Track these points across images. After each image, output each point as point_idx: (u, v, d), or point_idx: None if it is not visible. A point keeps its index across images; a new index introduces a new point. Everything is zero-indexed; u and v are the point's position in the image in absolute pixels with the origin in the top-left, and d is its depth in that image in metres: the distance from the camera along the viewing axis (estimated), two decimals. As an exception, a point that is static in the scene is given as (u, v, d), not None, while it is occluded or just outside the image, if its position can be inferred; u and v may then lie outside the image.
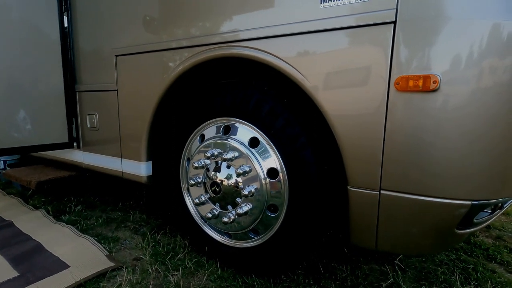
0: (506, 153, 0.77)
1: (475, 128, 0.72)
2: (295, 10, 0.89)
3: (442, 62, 0.71)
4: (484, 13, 0.69)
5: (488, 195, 0.80)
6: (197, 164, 1.15)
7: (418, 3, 0.73)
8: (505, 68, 0.70)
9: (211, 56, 1.09)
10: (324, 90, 0.87)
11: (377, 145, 0.81)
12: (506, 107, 0.72)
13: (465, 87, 0.71)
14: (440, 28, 0.71)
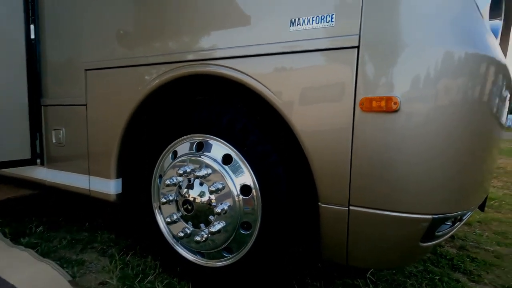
0: (463, 169, 0.83)
1: (433, 146, 0.77)
2: (267, 32, 0.92)
3: (401, 85, 0.76)
4: (437, 41, 0.75)
5: (448, 209, 0.85)
6: (169, 182, 1.12)
7: (379, 30, 0.78)
8: (457, 89, 0.76)
9: (184, 73, 1.09)
10: (294, 108, 0.89)
11: (345, 162, 0.84)
12: (460, 125, 0.78)
13: (422, 108, 0.76)
14: (399, 53, 0.77)
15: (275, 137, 1.00)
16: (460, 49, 0.74)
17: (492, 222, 2.10)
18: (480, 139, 0.85)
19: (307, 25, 0.86)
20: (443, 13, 0.75)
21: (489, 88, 0.79)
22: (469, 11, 0.76)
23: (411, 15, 0.76)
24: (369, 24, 0.79)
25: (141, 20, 1.20)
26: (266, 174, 1.01)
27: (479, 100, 0.79)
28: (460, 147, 0.79)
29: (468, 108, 0.77)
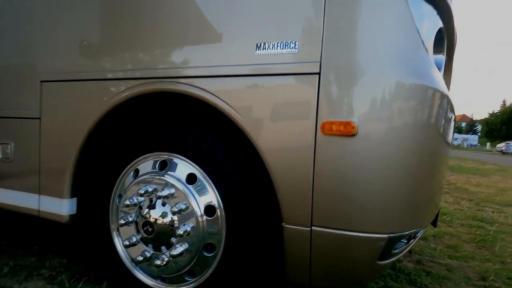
0: (416, 189, 0.89)
1: (387, 169, 0.82)
2: (235, 54, 0.94)
3: (358, 110, 0.81)
4: (389, 72, 0.82)
5: (403, 228, 0.90)
6: (129, 202, 1.07)
7: (338, 60, 0.83)
8: (408, 116, 0.82)
9: (149, 89, 1.06)
10: (259, 130, 0.91)
11: (308, 183, 0.86)
12: (411, 148, 0.84)
13: (377, 132, 0.81)
14: (356, 82, 0.82)
15: (240, 157, 1.00)
16: (408, 80, 0.81)
17: (444, 236, 2.25)
18: (430, 161, 0.92)
19: (272, 50, 0.89)
20: (393, 48, 0.82)
21: (435, 114, 0.87)
22: (415, 47, 0.84)
23: (366, 48, 0.82)
24: (329, 53, 0.84)
25: (107, 32, 1.17)
26: (231, 194, 1.00)
27: (427, 124, 0.86)
28: (412, 169, 0.85)
29: (418, 133, 0.84)
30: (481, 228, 2.48)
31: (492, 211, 3.14)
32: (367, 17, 0.83)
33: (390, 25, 0.83)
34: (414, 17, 0.83)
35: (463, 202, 3.52)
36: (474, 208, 3.25)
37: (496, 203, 3.56)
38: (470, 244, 2.11)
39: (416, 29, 0.84)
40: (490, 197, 3.94)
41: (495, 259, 1.85)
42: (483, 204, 3.49)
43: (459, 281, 1.53)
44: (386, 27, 0.83)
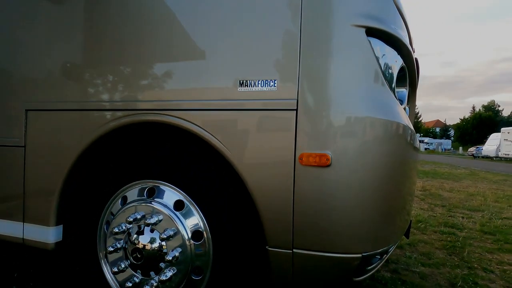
0: (386, 212, 0.98)
1: (359, 195, 0.92)
2: (218, 90, 1.02)
3: (332, 144, 0.90)
4: (358, 109, 0.92)
5: (375, 247, 0.99)
6: (118, 229, 1.10)
7: (312, 98, 0.93)
8: (375, 147, 0.92)
9: (136, 120, 1.11)
10: (243, 160, 0.98)
11: (288, 210, 0.94)
12: (380, 176, 0.94)
13: (349, 163, 0.91)
14: (329, 118, 0.91)
15: (225, 184, 1.07)
16: (375, 116, 0.92)
17: (419, 244, 2.39)
18: (398, 185, 1.02)
19: (252, 87, 0.98)
20: (361, 87, 0.93)
21: (398, 144, 0.98)
22: (380, 86, 0.95)
23: (337, 88, 0.92)
24: (304, 91, 0.93)
25: (94, 63, 1.21)
26: (217, 219, 1.05)
27: (392, 153, 0.96)
28: (381, 193, 0.95)
29: (385, 161, 0.94)
30: (452, 234, 2.65)
31: (462, 216, 3.35)
32: (337, 60, 0.93)
33: (358, 67, 0.93)
34: (378, 60, 0.95)
35: (436, 209, 3.73)
36: (446, 214, 3.46)
37: (466, 209, 3.79)
38: (441, 251, 2.26)
39: (380, 70, 0.95)
40: (461, 202, 4.19)
41: (463, 264, 2.00)
42: (454, 210, 3.71)
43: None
44: (354, 69, 0.93)
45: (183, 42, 1.07)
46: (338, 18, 0.93)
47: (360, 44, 0.93)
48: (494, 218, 3.33)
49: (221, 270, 1.05)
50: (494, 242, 2.50)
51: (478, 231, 2.78)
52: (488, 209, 3.80)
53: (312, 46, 0.94)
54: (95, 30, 1.21)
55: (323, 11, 0.94)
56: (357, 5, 0.93)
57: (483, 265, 2.00)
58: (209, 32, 1.04)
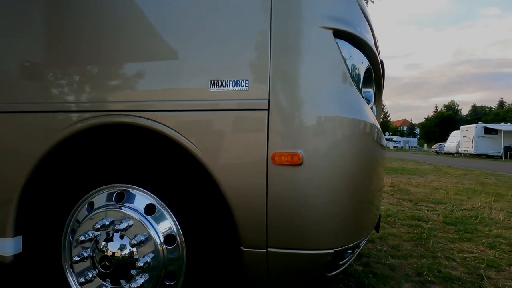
0: (355, 209, 1.01)
1: (330, 192, 0.94)
2: (189, 91, 1.00)
3: (303, 143, 0.92)
4: (327, 109, 0.94)
5: (346, 242, 1.02)
6: (84, 237, 1.04)
7: (283, 98, 0.94)
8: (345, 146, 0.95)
9: (104, 122, 1.06)
10: (215, 160, 0.97)
11: (262, 209, 0.94)
12: (349, 173, 0.97)
13: (320, 161, 0.93)
14: (300, 118, 0.93)
15: (198, 186, 1.05)
16: (342, 115, 0.95)
17: (388, 237, 2.50)
18: (367, 181, 1.06)
19: (224, 87, 0.97)
20: (329, 88, 0.96)
21: (365, 141, 1.02)
22: (348, 87, 0.98)
23: (307, 88, 0.94)
24: (276, 92, 0.94)
25: (60, 63, 1.13)
26: (191, 222, 1.04)
27: (360, 150, 1.00)
28: (351, 190, 0.98)
29: (353, 158, 0.98)
30: (418, 227, 2.80)
31: (427, 209, 3.56)
32: (307, 61, 0.95)
33: (326, 68, 0.96)
34: (346, 61, 0.98)
35: (404, 203, 3.93)
36: (413, 208, 3.66)
37: (431, 202, 4.04)
38: (409, 242, 2.38)
39: (348, 71, 0.98)
40: (426, 196, 4.45)
41: (429, 254, 2.12)
42: (420, 203, 3.93)
43: (400, 279, 1.73)
44: (323, 70, 0.96)
45: (153, 42, 1.04)
46: (307, 20, 0.95)
47: (328, 46, 0.95)
48: (455, 209, 3.57)
49: (196, 273, 1.04)
50: (455, 232, 2.68)
51: (441, 223, 2.97)
52: (450, 201, 4.07)
53: (282, 47, 0.95)
54: (58, 28, 1.14)
55: (292, 13, 0.95)
56: (325, 8, 0.96)
57: (446, 254, 2.14)
58: (179, 31, 1.02)
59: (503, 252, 2.19)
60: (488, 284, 1.69)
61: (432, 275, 1.79)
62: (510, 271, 1.87)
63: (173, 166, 1.07)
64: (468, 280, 1.74)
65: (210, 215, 1.04)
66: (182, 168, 1.06)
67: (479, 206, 3.78)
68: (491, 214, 3.34)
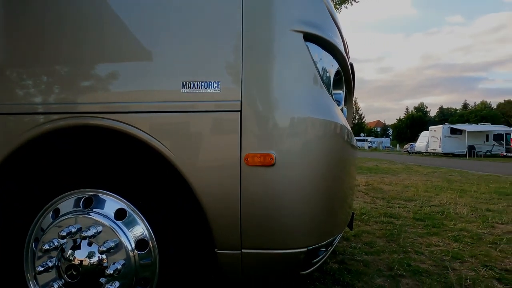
0: (327, 207, 1.04)
1: (302, 191, 0.96)
2: (160, 92, 0.98)
3: (275, 144, 0.93)
4: (298, 110, 0.96)
5: (318, 240, 1.04)
6: (49, 246, 0.99)
7: (255, 99, 0.95)
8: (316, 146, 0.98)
9: (72, 124, 1.02)
10: (187, 163, 0.96)
11: (235, 211, 0.94)
12: (321, 172, 0.99)
13: (292, 161, 0.95)
14: (272, 119, 0.94)
15: (171, 189, 1.03)
16: (313, 116, 0.97)
17: (363, 234, 2.59)
18: (338, 180, 1.09)
19: (196, 89, 0.96)
20: (300, 90, 0.98)
21: (336, 141, 1.05)
22: (318, 89, 1.01)
23: (278, 90, 0.96)
24: (248, 93, 0.94)
25: (25, 63, 1.07)
26: (164, 227, 1.01)
27: (331, 150, 1.03)
28: (323, 189, 1.01)
29: (324, 158, 1.00)
30: (390, 223, 2.92)
31: (399, 206, 3.73)
32: (278, 63, 0.96)
33: (297, 70, 0.98)
34: (316, 64, 1.01)
35: (378, 201, 4.08)
36: (386, 205, 3.81)
37: (402, 199, 4.22)
38: (382, 239, 2.48)
39: (318, 73, 1.01)
40: (398, 194, 4.66)
41: (400, 249, 2.22)
42: (392, 201, 4.10)
43: (372, 274, 1.79)
44: (293, 72, 0.97)
45: (123, 42, 1.01)
46: (277, 23, 0.97)
47: (299, 49, 0.97)
48: (424, 206, 3.76)
49: (169, 278, 1.01)
50: (424, 227, 2.82)
51: (411, 219, 3.11)
52: (420, 198, 4.28)
53: (254, 49, 0.96)
54: (22, 25, 1.08)
55: (263, 16, 0.97)
56: (295, 12, 0.98)
57: (415, 248, 2.25)
58: (149, 32, 1.00)
59: (466, 245, 2.34)
60: (452, 275, 1.79)
61: (402, 269, 1.87)
62: (472, 262, 2.00)
63: (144, 169, 1.04)
64: (435, 272, 1.83)
65: (184, 219, 1.03)
66: (153, 170, 1.04)
67: (446, 202, 4.00)
68: (456, 209, 3.55)
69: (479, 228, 2.80)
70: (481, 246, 2.31)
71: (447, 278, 1.74)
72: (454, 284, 1.67)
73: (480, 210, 3.55)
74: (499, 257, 2.09)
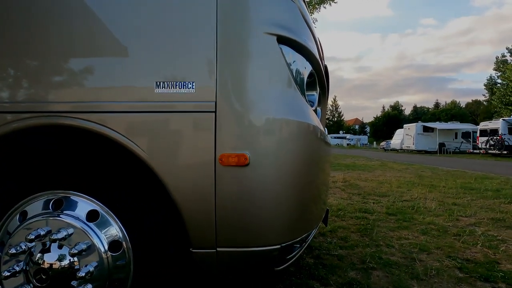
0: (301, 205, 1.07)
1: (276, 190, 0.99)
2: (134, 92, 0.97)
3: (249, 144, 0.95)
4: (272, 111, 0.99)
5: (292, 237, 1.08)
6: (16, 250, 0.95)
7: (230, 100, 0.96)
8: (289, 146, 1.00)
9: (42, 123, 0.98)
10: (162, 163, 0.96)
11: (210, 210, 0.95)
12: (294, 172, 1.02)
13: (266, 161, 0.97)
14: (246, 119, 0.96)
15: (146, 190, 1.02)
16: (287, 117, 1.00)
17: (338, 229, 2.68)
18: (311, 179, 1.13)
19: (170, 89, 0.96)
20: (274, 91, 1.00)
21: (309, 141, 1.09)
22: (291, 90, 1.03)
23: (252, 91, 0.98)
24: (222, 94, 0.96)
25: None
26: (138, 227, 1.01)
27: (304, 150, 1.06)
28: (296, 188, 1.04)
29: (298, 157, 1.04)
30: (364, 218, 3.04)
31: (373, 202, 3.88)
32: (252, 65, 0.98)
33: (271, 72, 1.00)
34: (289, 66, 1.03)
35: (354, 197, 4.23)
36: (361, 201, 3.95)
37: (376, 195, 4.40)
38: (356, 233, 2.58)
39: (292, 75, 1.03)
40: (373, 190, 4.85)
41: (372, 243, 2.33)
42: (367, 197, 4.27)
43: (346, 268, 1.87)
44: (267, 74, 1.00)
45: (96, 39, 0.99)
46: (251, 25, 0.98)
47: (272, 51, 1.00)
48: (397, 201, 3.94)
49: (144, 278, 1.01)
50: (396, 221, 2.97)
51: (384, 214, 3.26)
52: (393, 194, 4.48)
53: (228, 50, 0.97)
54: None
55: (237, 18, 0.98)
56: (268, 15, 1.00)
57: (387, 242, 2.36)
58: (125, 30, 0.99)
59: (433, 237, 2.49)
60: (419, 265, 1.90)
61: (374, 262, 1.96)
62: (437, 253, 2.13)
63: (118, 169, 1.03)
64: (403, 264, 1.94)
65: (159, 219, 1.03)
66: (127, 171, 1.03)
67: (416, 197, 4.22)
68: (425, 204, 3.75)
69: (445, 221, 2.98)
70: (446, 238, 2.47)
71: (414, 269, 1.85)
72: (420, 274, 1.78)
73: (447, 204, 3.77)
74: (462, 248, 2.24)
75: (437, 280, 1.72)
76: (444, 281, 1.70)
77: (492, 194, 4.48)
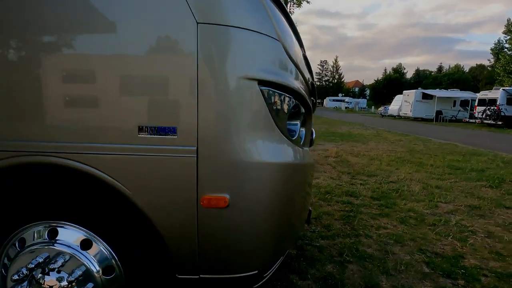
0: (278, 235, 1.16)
1: (255, 227, 1.07)
2: (117, 135, 0.99)
3: (229, 187, 1.01)
4: (254, 156, 1.03)
5: (269, 261, 1.19)
6: (16, 277, 1.06)
7: (210, 145, 0.99)
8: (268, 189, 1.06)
9: (25, 161, 1.02)
10: (147, 202, 1.02)
11: (193, 244, 1.05)
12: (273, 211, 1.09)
13: (245, 203, 1.04)
14: (226, 164, 1.00)
15: (134, 221, 1.10)
16: (266, 160, 1.04)
17: (323, 216, 2.85)
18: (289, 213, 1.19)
19: (153, 134, 0.99)
20: (254, 136, 1.03)
21: (288, 181, 1.14)
22: (272, 133, 1.06)
23: (232, 135, 1.00)
24: (204, 139, 0.99)
25: None
26: (129, 254, 1.11)
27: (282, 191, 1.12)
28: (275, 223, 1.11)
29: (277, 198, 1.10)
30: (349, 203, 3.21)
31: (361, 183, 4.05)
32: (232, 109, 1.00)
33: (251, 116, 1.02)
34: (271, 107, 1.04)
35: (343, 177, 4.38)
36: (349, 182, 4.11)
37: (365, 174, 4.56)
38: (339, 221, 2.75)
39: (272, 116, 1.05)
40: (363, 168, 5.00)
41: (353, 233, 2.50)
42: (356, 176, 4.42)
43: (324, 261, 2.05)
44: (248, 118, 1.02)
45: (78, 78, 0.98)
46: (231, 72, 0.98)
47: (253, 94, 1.00)
48: (383, 182, 4.10)
49: (136, 296, 1.14)
50: (378, 207, 3.14)
51: (369, 198, 3.43)
52: (381, 173, 4.64)
53: (209, 95, 0.98)
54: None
55: (218, 64, 0.97)
56: (249, 60, 0.99)
57: (366, 231, 2.54)
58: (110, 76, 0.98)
59: (410, 227, 2.67)
60: (390, 260, 2.09)
61: (351, 254, 2.14)
62: (410, 246, 2.32)
63: (107, 203, 1.09)
64: (377, 257, 2.12)
65: (147, 246, 1.12)
66: (116, 204, 1.10)
67: (403, 178, 4.38)
68: (410, 187, 3.92)
69: (425, 208, 3.16)
70: (422, 228, 2.65)
71: (386, 263, 2.03)
72: (390, 269, 1.96)
73: (430, 187, 3.94)
74: (434, 239, 2.43)
75: (404, 276, 1.90)
76: (410, 277, 1.89)
77: (475, 175, 4.66)
